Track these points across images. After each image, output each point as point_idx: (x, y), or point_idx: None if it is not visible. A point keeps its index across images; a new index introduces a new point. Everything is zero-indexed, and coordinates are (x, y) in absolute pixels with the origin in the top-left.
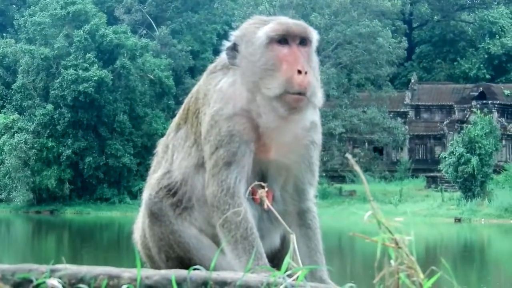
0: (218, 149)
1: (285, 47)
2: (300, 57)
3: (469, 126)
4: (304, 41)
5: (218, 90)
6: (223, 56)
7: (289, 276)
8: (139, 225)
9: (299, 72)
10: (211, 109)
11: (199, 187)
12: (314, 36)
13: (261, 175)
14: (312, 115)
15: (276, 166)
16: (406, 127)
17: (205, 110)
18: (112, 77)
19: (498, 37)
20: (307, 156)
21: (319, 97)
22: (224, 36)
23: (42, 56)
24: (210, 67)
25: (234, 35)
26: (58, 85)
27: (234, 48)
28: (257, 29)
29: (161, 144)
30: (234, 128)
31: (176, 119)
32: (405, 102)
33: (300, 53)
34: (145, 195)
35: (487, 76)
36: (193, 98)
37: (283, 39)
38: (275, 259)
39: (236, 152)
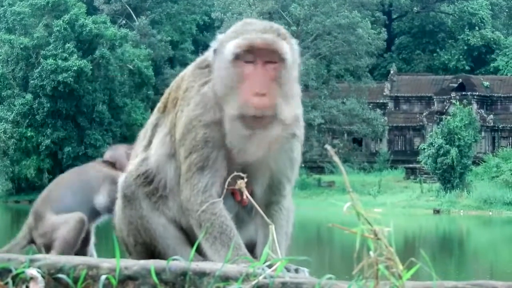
0: (192, 154)
1: (251, 65)
2: (262, 77)
3: (449, 117)
4: (272, 57)
5: (202, 94)
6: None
7: (269, 266)
8: (116, 208)
9: (257, 94)
10: (191, 112)
11: (170, 176)
12: (285, 50)
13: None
14: (295, 111)
15: (255, 166)
16: (385, 118)
17: (183, 107)
18: (91, 67)
19: (477, 29)
20: (288, 151)
21: (286, 114)
22: (204, 27)
23: (21, 46)
24: (199, 60)
25: (217, 39)
26: (38, 75)
27: (215, 52)
28: (229, 39)
29: (144, 128)
30: (209, 135)
31: (159, 104)
32: (384, 93)
33: (266, 71)
34: (120, 179)
35: (467, 68)
36: (175, 86)
37: (250, 55)
38: (254, 250)
39: (209, 156)
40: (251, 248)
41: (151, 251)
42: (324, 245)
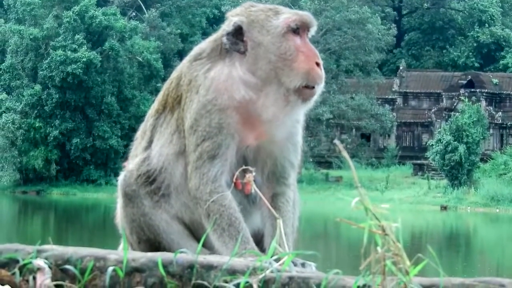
0: (205, 141)
1: (298, 37)
2: (313, 49)
3: (457, 114)
4: (309, 31)
5: (211, 78)
6: (207, 44)
7: (276, 260)
8: (117, 207)
9: (317, 64)
10: (203, 98)
11: (178, 175)
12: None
13: (243, 160)
14: None
15: (260, 151)
16: (394, 114)
17: (191, 97)
18: (100, 59)
19: (487, 26)
20: (293, 135)
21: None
22: (214, 20)
23: (31, 37)
24: (193, 53)
25: (237, 20)
26: (47, 66)
27: (236, 33)
28: (270, 17)
29: (140, 130)
30: (225, 121)
31: (155, 105)
32: (393, 89)
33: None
34: (120, 177)
35: (476, 65)
36: (173, 84)
37: (297, 29)
38: (260, 242)
39: (221, 144)
40: (257, 239)
41: (155, 247)
42: (331, 240)
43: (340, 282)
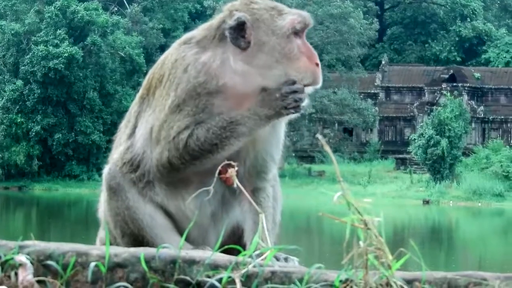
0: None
1: (298, 37)
2: (312, 49)
3: (439, 108)
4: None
5: (203, 63)
6: (198, 32)
7: (258, 255)
8: (102, 199)
9: (317, 64)
10: (195, 80)
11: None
12: None
13: None
14: None
15: (244, 143)
16: (376, 108)
17: (177, 74)
18: (82, 54)
19: (469, 20)
20: (277, 130)
21: None
22: (196, 15)
23: (12, 32)
24: (183, 38)
25: (241, 16)
26: (28, 61)
27: (238, 28)
28: (274, 17)
29: (124, 119)
30: (210, 102)
31: (139, 93)
32: (375, 84)
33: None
34: (105, 170)
35: (458, 59)
36: (159, 65)
37: (300, 31)
38: (241, 237)
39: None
40: (239, 234)
41: (139, 241)
42: (313, 235)
43: (323, 277)
